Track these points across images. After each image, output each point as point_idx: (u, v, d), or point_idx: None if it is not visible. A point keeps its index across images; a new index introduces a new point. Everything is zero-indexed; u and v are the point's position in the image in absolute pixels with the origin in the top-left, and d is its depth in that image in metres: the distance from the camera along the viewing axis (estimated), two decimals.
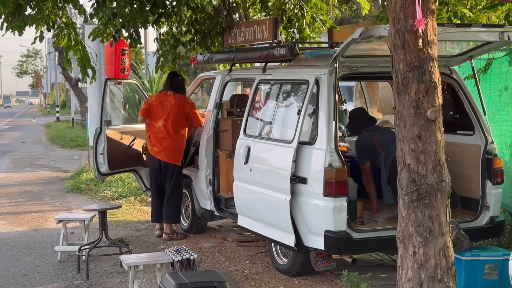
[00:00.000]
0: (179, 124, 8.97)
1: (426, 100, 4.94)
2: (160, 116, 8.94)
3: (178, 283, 5.43)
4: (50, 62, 51.48)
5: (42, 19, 8.12)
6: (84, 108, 28.51)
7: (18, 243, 9.36)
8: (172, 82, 9.20)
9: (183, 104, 9.02)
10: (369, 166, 7.54)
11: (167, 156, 8.91)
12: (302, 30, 9.57)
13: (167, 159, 8.91)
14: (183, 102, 9.05)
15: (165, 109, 8.95)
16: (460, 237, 6.39)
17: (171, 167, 8.94)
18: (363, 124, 7.89)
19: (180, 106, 8.98)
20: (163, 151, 8.90)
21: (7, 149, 24.04)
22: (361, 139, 7.73)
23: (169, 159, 8.91)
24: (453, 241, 6.34)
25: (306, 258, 7.00)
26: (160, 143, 8.90)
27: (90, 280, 7.44)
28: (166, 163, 8.93)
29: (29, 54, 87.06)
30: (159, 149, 8.91)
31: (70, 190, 13.78)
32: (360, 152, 7.64)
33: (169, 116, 8.91)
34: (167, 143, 8.89)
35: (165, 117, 8.91)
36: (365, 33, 5.83)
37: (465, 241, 6.38)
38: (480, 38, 6.48)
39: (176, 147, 8.95)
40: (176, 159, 8.96)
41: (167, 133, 8.89)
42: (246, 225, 7.67)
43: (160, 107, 8.97)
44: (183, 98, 9.12)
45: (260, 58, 7.66)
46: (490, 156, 7.01)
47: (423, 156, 4.92)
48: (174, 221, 9.13)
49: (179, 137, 8.97)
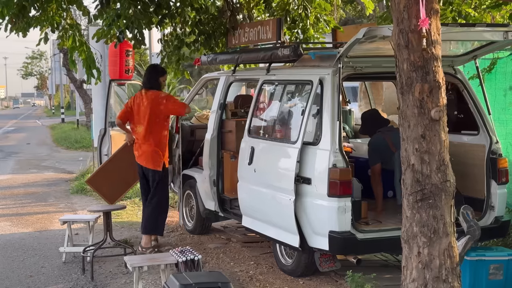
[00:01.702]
0: (157, 126, 8.32)
1: (430, 100, 4.93)
2: (137, 120, 8.37)
3: (182, 284, 5.43)
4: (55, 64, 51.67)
5: (46, 20, 8.15)
6: (88, 110, 28.56)
7: (23, 244, 9.37)
8: (144, 78, 8.59)
9: (157, 102, 8.28)
10: (379, 167, 7.52)
11: (145, 161, 8.37)
12: (306, 31, 9.58)
13: (145, 164, 8.37)
14: (156, 99, 8.30)
15: (140, 113, 8.34)
16: (473, 225, 6.41)
17: (151, 172, 8.37)
18: (375, 125, 7.85)
19: (154, 105, 8.27)
20: (142, 155, 8.37)
21: (12, 151, 24.08)
22: (374, 140, 7.70)
23: (147, 164, 8.35)
24: (466, 229, 6.37)
25: (311, 259, 6.99)
26: (140, 147, 8.38)
27: (94, 281, 7.44)
28: (146, 169, 8.41)
29: (34, 55, 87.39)
30: (139, 153, 8.41)
31: (75, 192, 13.80)
32: (372, 153, 7.62)
33: (144, 119, 8.29)
34: (144, 147, 8.33)
35: (141, 121, 8.32)
36: (368, 33, 5.83)
37: (477, 231, 6.40)
38: (485, 37, 6.47)
39: (154, 152, 8.34)
40: (155, 164, 8.35)
41: (143, 137, 8.31)
42: (250, 226, 7.67)
43: (137, 110, 8.38)
44: (155, 94, 8.34)
45: (264, 59, 7.66)
46: (495, 156, 6.99)
47: (427, 156, 4.91)
48: (149, 231, 8.40)
49: (158, 140, 8.36)
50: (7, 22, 8.03)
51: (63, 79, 45.79)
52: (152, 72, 8.49)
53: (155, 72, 8.50)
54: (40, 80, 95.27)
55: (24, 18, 8.00)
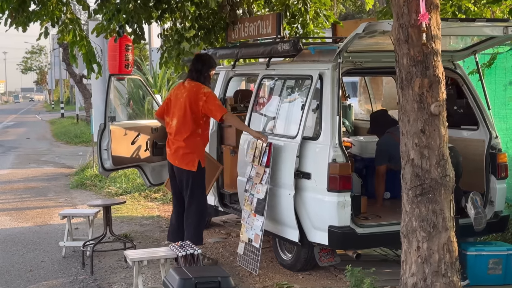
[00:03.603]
0: (192, 122, 7.42)
1: (430, 95, 4.94)
2: (173, 112, 7.53)
3: (182, 278, 5.44)
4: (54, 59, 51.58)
5: (46, 15, 8.14)
6: (88, 104, 28.56)
7: (23, 238, 9.38)
8: (198, 66, 7.54)
9: (197, 97, 7.37)
10: (384, 168, 7.44)
11: (178, 160, 7.50)
12: (305, 26, 9.57)
13: (177, 163, 7.49)
14: (197, 94, 7.37)
15: (178, 104, 7.49)
16: (481, 212, 6.42)
17: (185, 173, 7.47)
18: (385, 126, 7.77)
19: (193, 99, 7.39)
20: (174, 153, 7.51)
21: (12, 145, 24.08)
22: (383, 140, 7.56)
23: (180, 164, 7.46)
24: (474, 216, 6.38)
25: (310, 253, 7.00)
26: (173, 144, 7.52)
27: (94, 275, 7.45)
28: (179, 169, 7.51)
29: (34, 50, 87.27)
30: (171, 150, 7.55)
31: (74, 186, 13.80)
32: (380, 154, 7.50)
33: (180, 111, 7.45)
34: (178, 144, 7.47)
35: (177, 113, 7.49)
36: (368, 28, 5.83)
37: (484, 218, 6.42)
38: (484, 32, 6.47)
39: (187, 149, 7.44)
40: (188, 164, 7.43)
41: (176, 132, 7.46)
42: None
43: (175, 101, 7.55)
44: (197, 87, 7.42)
45: (264, 54, 7.65)
46: (494, 151, 6.99)
47: (427, 151, 4.92)
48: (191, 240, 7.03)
49: (192, 138, 7.44)
50: (7, 17, 8.03)
51: (62, 74, 45.73)
52: (199, 62, 7.57)
53: (203, 63, 7.57)
54: (39, 75, 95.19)
55: (24, 13, 8.00)
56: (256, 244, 6.93)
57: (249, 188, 7.18)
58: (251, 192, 7.14)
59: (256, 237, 6.94)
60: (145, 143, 9.50)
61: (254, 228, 7.00)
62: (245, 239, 7.16)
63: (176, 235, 7.57)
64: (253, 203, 7.07)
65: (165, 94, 19.78)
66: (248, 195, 7.18)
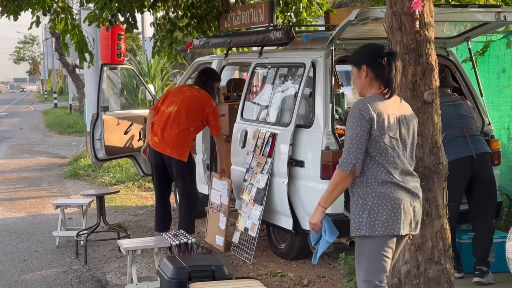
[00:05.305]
0: (192, 119, 7.50)
1: (423, 83, 4.93)
2: (172, 101, 7.57)
3: (176, 267, 5.44)
4: (47, 49, 51.46)
5: (38, 3, 8.11)
6: (81, 94, 28.48)
7: (16, 228, 9.36)
8: (203, 79, 7.81)
9: (204, 103, 7.55)
10: None
11: (168, 148, 7.44)
12: (298, 14, 9.55)
13: (169, 152, 7.44)
14: (205, 101, 7.58)
15: (180, 95, 7.61)
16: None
17: (174, 162, 7.47)
18: None
19: (200, 102, 7.56)
20: (164, 141, 7.46)
21: (4, 136, 24.02)
22: None
23: (171, 153, 7.43)
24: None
25: (304, 242, 7.01)
26: (164, 131, 7.44)
27: (88, 265, 7.45)
28: (168, 158, 7.47)
29: (26, 40, 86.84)
30: (159, 138, 7.48)
31: (68, 176, 13.79)
32: None
33: (183, 102, 7.52)
34: (172, 132, 7.42)
35: (178, 102, 7.52)
36: (361, 15, 5.80)
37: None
38: (477, 18, 6.44)
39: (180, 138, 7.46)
40: (180, 153, 7.43)
41: (174, 119, 7.43)
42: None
43: (177, 92, 7.72)
44: (207, 97, 7.65)
45: (257, 42, 7.63)
46: (487, 137, 6.98)
47: (420, 139, 4.91)
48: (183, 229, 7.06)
49: (186, 131, 7.48)
50: None
51: (55, 64, 45.54)
52: (206, 75, 7.88)
53: (207, 76, 7.87)
54: (32, 65, 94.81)
55: (15, 1, 7.96)
56: (253, 233, 6.93)
57: (248, 178, 7.18)
58: (250, 181, 7.13)
59: (253, 226, 6.96)
60: (138, 133, 9.49)
61: (251, 217, 7.02)
62: (241, 228, 7.17)
63: (163, 226, 7.79)
64: (252, 192, 7.07)
65: (158, 83, 19.74)
66: (247, 184, 7.18)
